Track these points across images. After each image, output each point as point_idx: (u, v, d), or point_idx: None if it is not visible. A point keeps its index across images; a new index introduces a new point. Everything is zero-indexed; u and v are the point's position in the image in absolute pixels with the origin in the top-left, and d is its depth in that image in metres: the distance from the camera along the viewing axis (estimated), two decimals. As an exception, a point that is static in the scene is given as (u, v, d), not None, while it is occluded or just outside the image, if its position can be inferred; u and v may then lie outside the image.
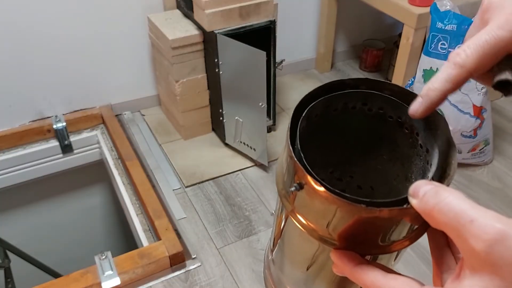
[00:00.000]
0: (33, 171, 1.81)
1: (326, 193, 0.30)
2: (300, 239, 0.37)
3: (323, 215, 0.33)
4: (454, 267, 0.31)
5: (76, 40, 1.69)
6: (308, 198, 0.33)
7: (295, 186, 0.33)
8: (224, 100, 1.64)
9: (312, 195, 0.32)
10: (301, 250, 0.39)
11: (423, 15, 1.53)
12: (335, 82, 0.38)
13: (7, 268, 1.65)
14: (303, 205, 0.34)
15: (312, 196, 0.32)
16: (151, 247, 1.30)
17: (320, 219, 0.33)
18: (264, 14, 1.55)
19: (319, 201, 0.32)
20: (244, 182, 1.61)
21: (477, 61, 0.29)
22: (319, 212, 0.33)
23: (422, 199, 0.27)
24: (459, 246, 0.26)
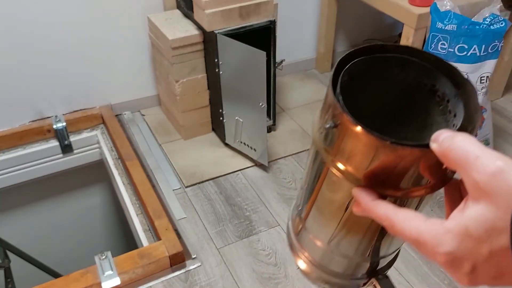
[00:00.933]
0: (33, 171, 1.81)
1: (358, 129, 0.33)
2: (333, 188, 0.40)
3: (354, 153, 0.35)
4: None
5: (76, 40, 1.69)
6: (341, 137, 0.36)
7: (330, 123, 0.36)
8: (224, 100, 1.64)
9: (344, 131, 0.35)
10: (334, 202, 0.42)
11: (423, 15, 1.53)
12: (376, 45, 0.40)
13: (7, 268, 1.65)
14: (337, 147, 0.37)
15: (344, 133, 0.35)
16: (151, 247, 1.30)
17: (351, 158, 0.36)
18: (264, 14, 1.55)
19: (351, 138, 0.35)
20: (244, 182, 1.61)
21: None
22: (350, 151, 0.36)
23: (441, 142, 0.31)
24: (465, 181, 0.30)
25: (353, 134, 0.34)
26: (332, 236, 0.45)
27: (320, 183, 0.42)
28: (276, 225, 1.45)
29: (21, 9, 1.55)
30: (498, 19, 1.40)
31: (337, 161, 0.37)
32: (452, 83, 0.38)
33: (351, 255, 0.46)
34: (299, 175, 1.64)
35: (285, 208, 1.51)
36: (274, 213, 1.49)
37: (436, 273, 1.29)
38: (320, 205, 0.44)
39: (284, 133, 1.84)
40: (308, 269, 0.50)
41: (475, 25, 1.36)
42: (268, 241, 1.40)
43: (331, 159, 0.38)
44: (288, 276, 1.29)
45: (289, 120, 1.91)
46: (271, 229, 1.44)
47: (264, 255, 1.35)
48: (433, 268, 1.31)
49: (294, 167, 1.67)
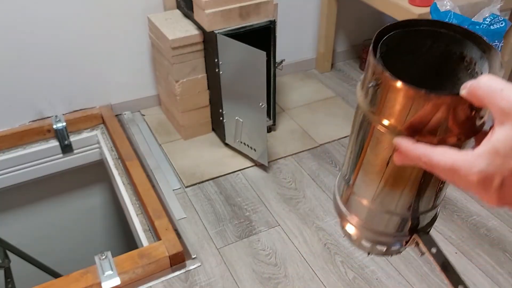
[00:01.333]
0: (33, 171, 1.81)
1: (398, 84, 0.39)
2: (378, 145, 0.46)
3: (394, 107, 0.41)
4: None
5: (76, 40, 1.69)
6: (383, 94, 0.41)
7: (372, 83, 0.42)
8: (224, 100, 1.64)
9: (386, 88, 0.41)
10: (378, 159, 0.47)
11: (423, 15, 1.53)
12: (409, 20, 0.45)
13: (7, 268, 1.65)
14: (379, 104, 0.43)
15: (386, 90, 0.41)
16: (151, 247, 1.30)
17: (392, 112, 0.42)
18: (264, 14, 1.55)
19: (392, 93, 0.40)
20: (244, 182, 1.61)
21: None
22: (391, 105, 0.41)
23: (468, 87, 0.37)
24: (492, 111, 0.36)
25: (393, 88, 0.40)
26: (377, 193, 0.50)
27: (367, 144, 0.47)
28: (276, 225, 1.45)
29: (21, 9, 1.55)
30: (498, 19, 1.40)
31: (382, 118, 0.43)
32: (478, 49, 0.43)
33: (395, 211, 0.51)
34: (299, 175, 1.64)
35: (285, 208, 1.51)
36: (274, 213, 1.49)
37: (436, 273, 1.29)
38: (366, 165, 0.50)
39: (284, 133, 1.84)
40: (356, 232, 0.57)
41: (475, 25, 1.36)
42: (268, 241, 1.40)
43: (377, 118, 0.43)
44: (288, 276, 1.29)
45: (289, 120, 1.91)
46: (271, 229, 1.44)
47: (264, 255, 1.35)
48: (433, 268, 1.31)
49: (294, 167, 1.67)
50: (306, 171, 1.66)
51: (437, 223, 1.45)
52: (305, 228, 1.44)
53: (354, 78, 2.21)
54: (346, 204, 0.57)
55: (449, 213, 1.48)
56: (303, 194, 1.56)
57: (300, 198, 1.55)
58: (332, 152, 1.74)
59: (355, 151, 0.51)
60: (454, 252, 1.35)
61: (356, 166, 0.52)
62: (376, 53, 0.43)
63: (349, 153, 0.53)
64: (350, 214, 0.56)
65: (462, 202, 1.52)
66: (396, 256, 1.34)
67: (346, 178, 0.55)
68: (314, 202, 1.53)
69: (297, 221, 1.46)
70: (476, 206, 1.51)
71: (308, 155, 1.73)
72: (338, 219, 0.59)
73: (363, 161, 0.50)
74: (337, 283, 1.27)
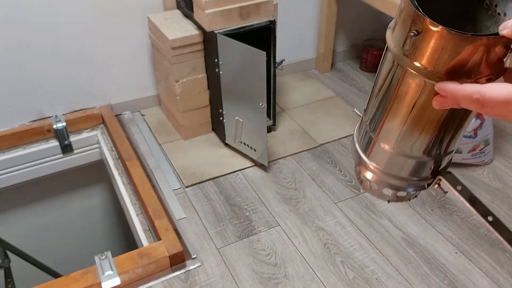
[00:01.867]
0: (33, 171, 1.81)
1: (441, 29, 0.41)
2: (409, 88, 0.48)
3: (436, 52, 0.43)
4: None
5: (76, 40, 1.69)
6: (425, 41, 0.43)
7: (414, 32, 0.43)
8: (224, 100, 1.64)
9: (428, 35, 0.42)
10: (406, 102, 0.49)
11: (423, 15, 1.53)
12: None
13: (7, 268, 1.65)
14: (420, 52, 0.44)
15: (428, 37, 0.42)
16: (151, 247, 1.30)
17: (434, 57, 0.43)
18: (264, 14, 1.55)
19: (434, 39, 0.42)
20: (244, 182, 1.61)
21: None
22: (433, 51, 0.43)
23: (510, 26, 0.38)
24: None
25: (436, 34, 0.42)
26: (400, 137, 0.53)
27: (397, 89, 0.49)
28: (276, 225, 1.45)
29: (21, 9, 1.55)
30: (498, 19, 1.40)
31: (416, 61, 0.44)
32: None
33: (418, 154, 0.54)
34: (299, 175, 1.64)
35: (285, 208, 1.51)
36: (274, 213, 1.49)
37: (435, 273, 1.29)
38: (394, 110, 0.52)
39: (284, 133, 1.84)
40: (377, 179, 0.58)
41: None
42: (268, 241, 1.40)
43: (409, 61, 0.45)
44: (288, 276, 1.29)
45: (289, 120, 1.91)
46: (271, 229, 1.44)
47: (264, 255, 1.35)
48: (433, 268, 1.31)
49: (294, 167, 1.67)
50: (306, 171, 1.66)
51: (437, 223, 1.45)
52: (305, 228, 1.44)
53: (354, 78, 2.21)
54: (367, 151, 0.59)
55: (449, 213, 1.48)
56: (303, 194, 1.56)
57: (300, 198, 1.55)
58: (332, 152, 1.74)
59: (383, 97, 0.53)
60: (454, 252, 1.35)
61: (384, 112, 0.53)
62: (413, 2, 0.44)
63: (375, 100, 0.55)
64: (371, 163, 0.58)
65: (462, 202, 1.52)
66: (396, 256, 1.34)
67: (371, 125, 0.57)
68: (314, 202, 1.53)
69: (297, 221, 1.46)
70: (476, 206, 1.50)
71: (308, 155, 1.73)
72: (357, 167, 0.62)
73: (392, 106, 0.52)
74: (337, 283, 1.27)
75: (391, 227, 1.44)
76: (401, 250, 1.36)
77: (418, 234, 1.41)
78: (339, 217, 1.47)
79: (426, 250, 1.36)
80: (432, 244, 1.38)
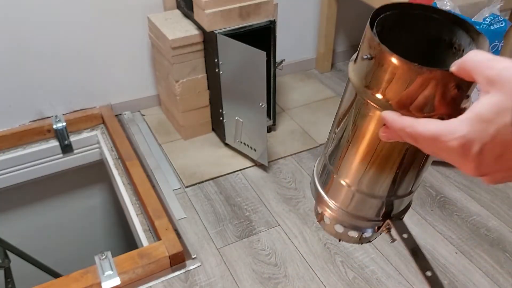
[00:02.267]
0: (33, 171, 1.81)
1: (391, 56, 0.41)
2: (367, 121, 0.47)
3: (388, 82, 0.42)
4: None
5: (76, 40, 1.69)
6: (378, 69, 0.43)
7: (367, 55, 0.43)
8: (224, 100, 1.64)
9: (381, 61, 0.42)
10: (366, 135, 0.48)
11: (423, 15, 1.53)
12: (404, 3, 0.47)
13: (7, 268, 1.65)
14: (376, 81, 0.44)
15: (381, 63, 0.42)
16: (151, 247, 1.30)
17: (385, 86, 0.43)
18: (264, 14, 1.55)
19: (386, 66, 0.42)
20: (244, 182, 1.61)
21: None
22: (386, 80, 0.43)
23: (458, 63, 0.38)
24: (479, 82, 0.37)
25: (387, 61, 0.41)
26: (362, 174, 0.52)
27: (356, 122, 0.48)
28: (276, 225, 1.45)
29: (21, 9, 1.55)
30: (498, 19, 1.40)
31: (374, 93, 0.44)
32: (467, 35, 0.45)
33: (375, 193, 0.53)
34: (299, 175, 1.64)
35: (285, 208, 1.51)
36: (274, 213, 1.49)
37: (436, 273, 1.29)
38: (353, 145, 0.51)
39: (284, 133, 1.84)
40: (332, 215, 0.58)
41: (475, 25, 1.36)
42: (268, 241, 1.40)
43: (369, 92, 0.44)
44: (288, 276, 1.29)
45: (289, 120, 1.91)
46: (271, 229, 1.44)
47: (264, 255, 1.35)
48: (434, 268, 1.31)
49: (294, 167, 1.67)
50: (306, 171, 1.66)
51: (437, 223, 1.45)
52: (305, 228, 1.44)
53: (354, 78, 2.21)
54: (326, 187, 0.58)
55: (449, 213, 1.48)
56: (303, 194, 1.56)
57: (300, 198, 1.55)
58: (332, 152, 1.74)
59: (343, 131, 0.52)
60: (454, 252, 1.35)
61: (343, 146, 0.53)
62: (372, 28, 0.44)
63: (335, 134, 0.55)
64: (329, 200, 0.58)
65: (462, 202, 1.52)
66: (396, 256, 1.34)
67: (331, 159, 0.56)
68: (314, 202, 1.53)
69: (297, 221, 1.46)
70: (476, 206, 1.51)
71: (308, 155, 1.73)
72: (314, 202, 0.62)
73: (351, 141, 0.51)
74: (337, 283, 1.27)
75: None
76: (401, 250, 1.36)
77: (418, 234, 1.41)
78: (339, 217, 1.47)
79: (426, 250, 1.36)
80: (432, 244, 1.38)
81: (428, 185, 1.59)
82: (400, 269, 1.31)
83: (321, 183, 0.59)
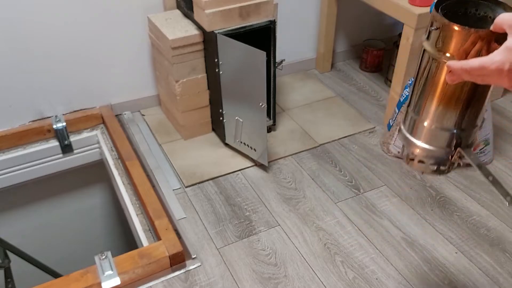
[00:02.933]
0: (33, 171, 1.81)
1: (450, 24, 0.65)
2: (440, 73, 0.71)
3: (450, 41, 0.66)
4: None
5: (76, 40, 1.69)
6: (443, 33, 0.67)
7: (434, 27, 0.68)
8: (224, 100, 1.64)
9: (447, 31, 0.66)
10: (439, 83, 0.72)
11: (423, 15, 1.53)
12: None
13: (7, 268, 1.65)
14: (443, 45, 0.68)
15: (445, 30, 0.66)
16: (151, 247, 1.30)
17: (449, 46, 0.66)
18: (264, 14, 1.55)
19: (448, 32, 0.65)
20: (244, 182, 1.61)
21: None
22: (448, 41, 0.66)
23: (493, 23, 0.59)
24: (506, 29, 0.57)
25: (449, 28, 0.65)
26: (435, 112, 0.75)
27: (432, 76, 0.72)
28: (276, 225, 1.45)
29: (21, 9, 1.55)
30: (498, 19, 1.40)
31: (443, 53, 0.67)
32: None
33: (446, 126, 0.76)
34: (299, 175, 1.64)
35: (285, 208, 1.51)
36: (274, 213, 1.49)
37: (435, 273, 1.30)
38: (430, 92, 0.74)
39: (284, 133, 1.84)
40: (419, 151, 0.80)
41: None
42: (268, 241, 1.40)
43: (439, 54, 0.68)
44: (288, 276, 1.29)
45: (289, 120, 1.91)
46: (271, 229, 1.44)
47: (264, 255, 1.35)
48: (433, 268, 1.31)
49: (294, 167, 1.67)
50: (306, 171, 1.66)
51: (437, 223, 1.45)
52: (305, 228, 1.44)
53: (354, 78, 2.21)
54: (412, 132, 0.81)
55: (449, 213, 1.48)
56: (303, 194, 1.56)
57: (300, 198, 1.55)
58: (332, 152, 1.74)
59: (423, 86, 0.76)
60: (454, 252, 1.35)
61: (423, 97, 0.76)
62: (438, 11, 0.68)
63: (417, 90, 0.78)
64: (415, 140, 0.80)
65: (462, 202, 1.52)
66: (396, 256, 1.34)
67: (416, 109, 0.79)
68: (314, 202, 1.53)
69: (297, 221, 1.46)
70: (476, 206, 1.51)
71: (308, 155, 1.73)
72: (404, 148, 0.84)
73: (430, 91, 0.74)
74: (337, 283, 1.27)
75: (391, 227, 1.44)
76: (401, 250, 1.37)
77: (418, 234, 1.41)
78: (339, 217, 1.48)
79: (426, 250, 1.36)
80: (432, 244, 1.38)
81: (428, 185, 1.59)
82: (400, 269, 1.31)
83: (409, 131, 0.82)
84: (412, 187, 1.59)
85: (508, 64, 0.55)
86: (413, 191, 1.57)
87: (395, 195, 1.56)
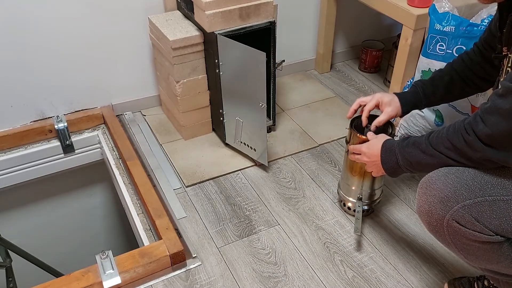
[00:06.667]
0: (34, 171, 1.82)
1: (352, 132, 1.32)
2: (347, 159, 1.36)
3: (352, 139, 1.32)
4: None
5: (77, 40, 1.70)
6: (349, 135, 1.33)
7: (347, 137, 1.35)
8: (224, 100, 1.65)
9: (351, 134, 1.32)
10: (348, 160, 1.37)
11: (422, 16, 1.54)
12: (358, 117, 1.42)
13: (8, 267, 1.66)
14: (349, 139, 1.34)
15: (351, 134, 1.32)
16: (152, 246, 1.31)
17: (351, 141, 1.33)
18: (264, 15, 1.56)
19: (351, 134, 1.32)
20: (244, 182, 1.62)
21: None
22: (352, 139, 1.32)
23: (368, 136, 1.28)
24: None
25: (351, 132, 1.32)
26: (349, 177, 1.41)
27: (346, 158, 1.38)
28: (276, 224, 1.46)
29: (22, 10, 1.56)
30: (496, 20, 1.41)
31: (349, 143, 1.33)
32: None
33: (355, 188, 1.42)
34: (298, 174, 1.65)
35: (284, 207, 1.52)
36: (274, 213, 1.50)
37: (434, 272, 1.30)
38: (347, 167, 1.40)
39: (284, 133, 1.85)
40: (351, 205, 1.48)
41: (473, 27, 1.37)
42: (268, 240, 1.41)
43: (348, 144, 1.33)
44: (288, 275, 1.30)
45: (289, 120, 1.92)
46: (271, 228, 1.45)
47: (264, 254, 1.36)
48: (432, 267, 1.32)
49: (293, 167, 1.68)
50: (306, 171, 1.67)
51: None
52: (305, 227, 1.45)
53: (353, 79, 2.22)
54: (342, 190, 1.47)
55: (448, 213, 1.49)
56: (302, 194, 1.57)
57: (300, 198, 1.56)
58: (332, 152, 1.75)
59: (345, 163, 1.41)
60: (453, 251, 1.36)
61: (344, 170, 1.42)
62: (351, 125, 1.32)
63: (343, 169, 1.43)
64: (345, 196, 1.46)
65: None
66: (395, 255, 1.35)
67: (343, 176, 1.43)
68: (313, 202, 1.54)
69: (296, 221, 1.47)
70: (474, 206, 1.51)
71: (307, 155, 1.74)
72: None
73: (347, 166, 1.39)
74: (336, 282, 1.28)
75: (390, 227, 1.45)
76: (400, 249, 1.37)
77: (417, 234, 1.42)
78: (338, 216, 1.48)
79: (424, 250, 1.37)
80: (431, 244, 1.39)
81: (427, 185, 1.60)
82: (399, 268, 1.32)
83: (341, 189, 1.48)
84: (410, 187, 1.60)
85: (365, 157, 1.19)
86: (411, 191, 1.58)
87: (394, 195, 1.57)
